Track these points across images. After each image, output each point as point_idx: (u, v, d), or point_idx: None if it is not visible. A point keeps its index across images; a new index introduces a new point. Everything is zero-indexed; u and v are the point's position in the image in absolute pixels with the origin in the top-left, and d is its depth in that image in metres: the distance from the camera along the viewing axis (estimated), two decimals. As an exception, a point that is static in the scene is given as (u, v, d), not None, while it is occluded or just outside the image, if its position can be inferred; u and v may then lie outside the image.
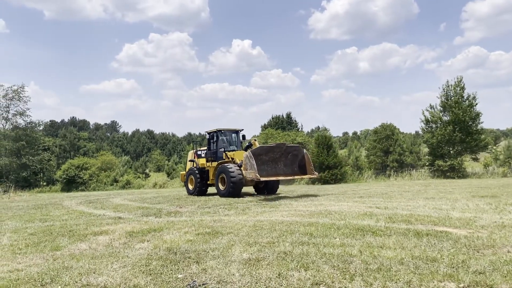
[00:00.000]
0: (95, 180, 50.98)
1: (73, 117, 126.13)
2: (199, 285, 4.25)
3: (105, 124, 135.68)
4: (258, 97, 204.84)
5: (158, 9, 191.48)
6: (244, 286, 4.16)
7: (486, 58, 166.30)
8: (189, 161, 19.37)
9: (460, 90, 34.31)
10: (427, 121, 34.17)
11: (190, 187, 18.18)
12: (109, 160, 58.71)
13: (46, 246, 6.66)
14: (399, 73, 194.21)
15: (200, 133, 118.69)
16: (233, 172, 14.97)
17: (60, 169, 52.26)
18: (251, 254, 5.38)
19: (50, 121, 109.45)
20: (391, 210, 9.38)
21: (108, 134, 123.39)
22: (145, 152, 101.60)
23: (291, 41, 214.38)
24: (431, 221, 7.58)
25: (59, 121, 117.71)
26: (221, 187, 15.83)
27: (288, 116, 58.70)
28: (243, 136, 18.19)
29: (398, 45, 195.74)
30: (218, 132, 17.44)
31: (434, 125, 33.86)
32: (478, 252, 5.14)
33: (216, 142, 17.26)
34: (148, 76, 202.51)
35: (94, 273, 4.88)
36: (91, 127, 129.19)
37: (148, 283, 4.40)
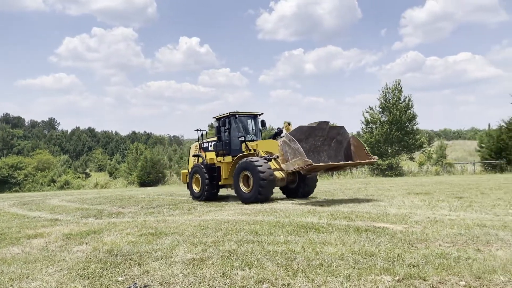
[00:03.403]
0: (30, 180, 48.19)
1: (7, 113, 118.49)
2: (141, 287, 4.13)
3: (42, 121, 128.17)
4: (206, 96, 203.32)
5: (102, 2, 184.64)
6: (187, 286, 4.10)
7: (422, 63, 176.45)
8: (193, 156, 15.70)
9: (398, 92, 36.15)
10: (367, 122, 35.67)
11: (196, 189, 14.45)
12: (46, 160, 55.77)
13: (-27, 252, 6.18)
14: (343, 75, 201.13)
15: (145, 132, 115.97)
16: (261, 167, 11.44)
17: (-9, 169, 48.88)
18: (196, 254, 5.32)
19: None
20: (333, 207, 9.67)
21: (46, 132, 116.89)
22: (85, 151, 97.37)
23: (240, 41, 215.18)
24: (370, 218, 7.90)
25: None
26: (244, 188, 12.15)
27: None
28: (262, 122, 14.52)
29: (342, 48, 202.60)
30: (232, 116, 13.67)
31: (373, 126, 35.40)
32: (412, 246, 5.42)
33: (229, 129, 13.57)
34: (90, 72, 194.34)
35: (27, 278, 4.60)
36: (27, 124, 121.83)
37: (86, 287, 4.22)
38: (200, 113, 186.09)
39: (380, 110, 35.74)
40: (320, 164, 10.89)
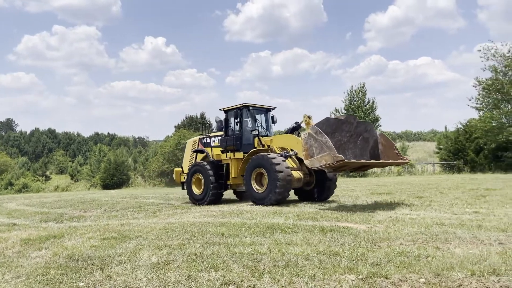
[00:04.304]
0: (-15, 183, 46.03)
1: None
2: (103, 293, 4.02)
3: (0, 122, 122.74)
4: (172, 97, 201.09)
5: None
6: (151, 290, 4.03)
7: (385, 66, 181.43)
8: (194, 151, 14.11)
9: (362, 95, 37.10)
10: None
11: (197, 191, 12.71)
12: (3, 162, 53.48)
13: None
14: (309, 78, 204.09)
15: (108, 133, 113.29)
16: (279, 165, 10.27)
17: None
18: (160, 257, 5.23)
19: None
20: (299, 208, 9.77)
21: (3, 133, 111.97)
22: (45, 153, 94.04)
23: (207, 42, 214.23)
24: (335, 218, 8.03)
25: None
26: (257, 188, 11.00)
27: (202, 116, 58.44)
28: (273, 118, 13.40)
29: (308, 51, 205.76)
30: (245, 108, 12.44)
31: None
32: (375, 245, 5.55)
33: (241, 122, 12.34)
34: (51, 71, 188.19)
35: (-20, 287, 4.37)
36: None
37: (45, 294, 4.06)
38: (166, 114, 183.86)
39: (345, 112, 36.48)
40: (352, 160, 9.64)
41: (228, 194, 14.11)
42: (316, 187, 11.63)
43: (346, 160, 8.73)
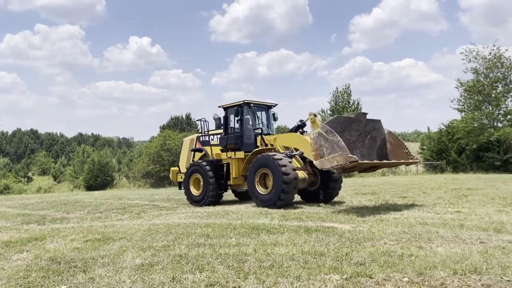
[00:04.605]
0: (-35, 185, 45.06)
1: None
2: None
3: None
4: (158, 97, 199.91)
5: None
6: (135, 293, 3.99)
7: (370, 68, 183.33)
8: (192, 150, 13.50)
9: (347, 96, 37.40)
10: (318, 124, 36.55)
11: (195, 191, 12.27)
12: (-16, 163, 52.36)
13: None
14: (295, 79, 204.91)
15: (92, 133, 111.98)
16: (286, 166, 9.80)
17: None
18: (144, 259, 5.18)
19: None
20: (284, 209, 9.78)
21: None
22: (28, 153, 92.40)
23: (192, 42, 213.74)
24: (320, 218, 8.08)
25: None
26: (261, 190, 10.53)
27: (188, 117, 58.20)
28: (274, 115, 12.93)
29: (294, 52, 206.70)
30: (246, 105, 11.95)
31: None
32: (359, 245, 5.60)
33: (242, 120, 11.88)
34: (33, 70, 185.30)
35: (-42, 291, 4.27)
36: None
37: (26, 298, 3.98)
38: (151, 114, 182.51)
39: (331, 113, 36.76)
40: (365, 161, 9.18)
41: (227, 194, 13.47)
42: (321, 188, 11.22)
43: (359, 161, 8.39)
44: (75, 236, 7.17)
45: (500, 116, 31.61)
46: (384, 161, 9.89)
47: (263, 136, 11.36)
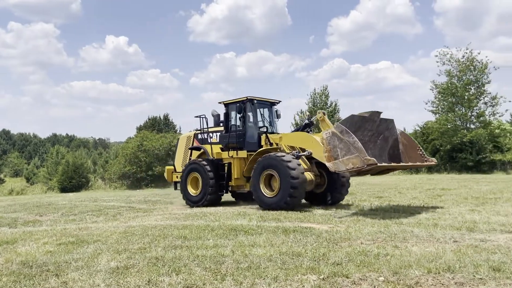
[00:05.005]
0: None
1: None
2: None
3: None
4: (135, 97, 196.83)
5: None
6: (110, 296, 3.90)
7: (347, 70, 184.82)
8: (190, 149, 12.80)
9: (325, 98, 37.78)
10: (296, 125, 36.78)
11: (193, 192, 11.77)
12: (-48, 164, 50.63)
13: None
14: (273, 80, 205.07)
15: (67, 134, 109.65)
16: (295, 169, 9.24)
17: None
18: (120, 262, 5.08)
19: None
20: (261, 209, 9.78)
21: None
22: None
23: (170, 42, 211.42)
24: (297, 218, 8.11)
25: None
26: (266, 192, 9.94)
27: (166, 117, 57.58)
28: (277, 113, 12.44)
29: (273, 53, 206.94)
30: (249, 102, 11.39)
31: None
32: (336, 245, 5.64)
33: (244, 117, 11.32)
34: (5, 69, 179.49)
35: None
36: None
37: (-5, 304, 3.85)
38: (128, 115, 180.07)
39: (309, 114, 37.03)
40: (384, 164, 8.68)
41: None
42: (328, 190, 10.66)
43: (379, 164, 7.89)
44: (48, 239, 6.98)
45: (472, 117, 32.47)
46: (401, 163, 9.48)
47: (268, 135, 10.89)
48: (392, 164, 9.19)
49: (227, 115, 11.65)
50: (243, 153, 11.17)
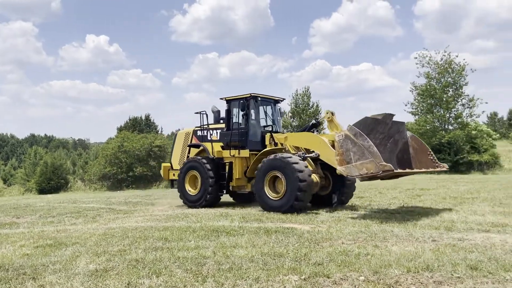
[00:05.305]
0: None
1: None
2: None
3: None
4: (115, 97, 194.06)
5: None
6: (88, 300, 3.83)
7: (329, 71, 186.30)
8: (188, 146, 12.28)
9: (307, 98, 37.98)
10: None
11: (191, 191, 11.32)
12: None
13: None
14: (256, 80, 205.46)
15: (45, 134, 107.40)
16: (302, 172, 8.85)
17: None
18: (99, 264, 4.99)
19: None
20: (245, 210, 9.77)
21: None
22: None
23: (152, 42, 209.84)
24: (279, 219, 8.12)
25: None
26: (270, 194, 9.50)
27: (147, 118, 56.95)
28: (280, 111, 12.10)
29: (255, 54, 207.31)
30: (253, 99, 10.89)
31: (285, 130, 36.71)
32: (318, 245, 5.67)
33: (247, 115, 10.79)
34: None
35: None
36: None
37: (-32, 309, 3.73)
38: (108, 115, 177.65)
39: (291, 115, 37.18)
40: (399, 170, 8.20)
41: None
42: (334, 192, 10.32)
43: (395, 171, 7.51)
44: (25, 241, 6.82)
45: (450, 119, 33.13)
46: (416, 170, 9.01)
47: (272, 134, 10.52)
48: (407, 170, 8.81)
49: (228, 112, 11.22)
50: (245, 152, 10.71)
